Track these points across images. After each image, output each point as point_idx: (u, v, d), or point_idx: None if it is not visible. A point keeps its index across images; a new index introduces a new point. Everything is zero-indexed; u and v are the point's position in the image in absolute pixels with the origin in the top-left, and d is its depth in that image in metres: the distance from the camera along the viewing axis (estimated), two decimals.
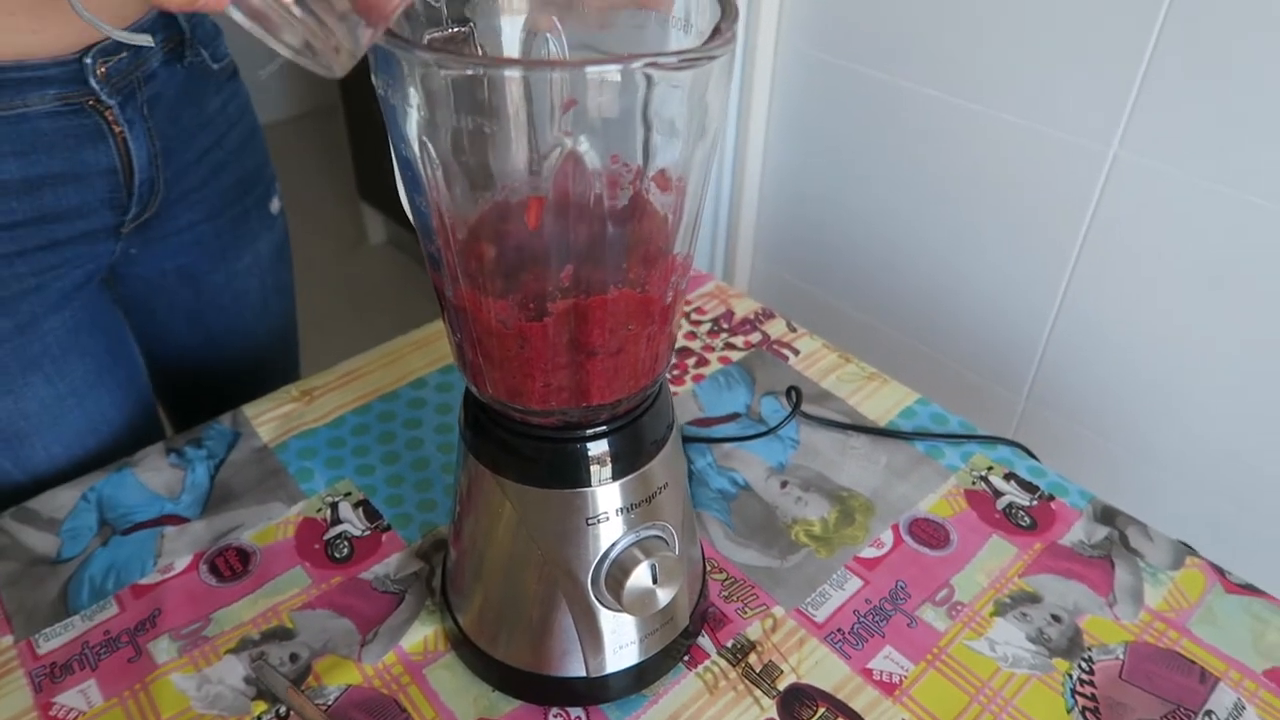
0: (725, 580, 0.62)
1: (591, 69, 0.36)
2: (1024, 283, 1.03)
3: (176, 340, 0.83)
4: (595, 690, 0.54)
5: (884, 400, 0.77)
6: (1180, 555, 0.65)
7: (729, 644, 0.58)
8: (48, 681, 0.55)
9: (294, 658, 0.57)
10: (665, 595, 0.50)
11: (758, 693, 0.56)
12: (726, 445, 0.73)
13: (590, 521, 0.49)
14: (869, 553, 0.64)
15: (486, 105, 0.37)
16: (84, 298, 0.70)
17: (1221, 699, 0.56)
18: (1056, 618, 0.60)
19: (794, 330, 0.85)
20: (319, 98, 2.91)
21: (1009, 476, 0.71)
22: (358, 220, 2.46)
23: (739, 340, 0.84)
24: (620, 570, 0.49)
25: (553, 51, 0.46)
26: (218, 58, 0.74)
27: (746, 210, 1.30)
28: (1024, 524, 0.67)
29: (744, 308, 0.88)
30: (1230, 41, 0.78)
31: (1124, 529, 0.66)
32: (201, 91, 0.72)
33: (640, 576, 0.49)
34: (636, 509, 0.50)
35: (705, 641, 0.59)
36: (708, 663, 0.57)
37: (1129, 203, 0.90)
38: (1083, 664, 0.58)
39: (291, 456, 0.71)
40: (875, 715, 0.55)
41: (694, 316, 0.87)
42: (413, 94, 0.38)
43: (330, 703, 0.54)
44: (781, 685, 0.56)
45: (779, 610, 0.61)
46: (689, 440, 0.73)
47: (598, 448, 0.48)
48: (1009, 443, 0.73)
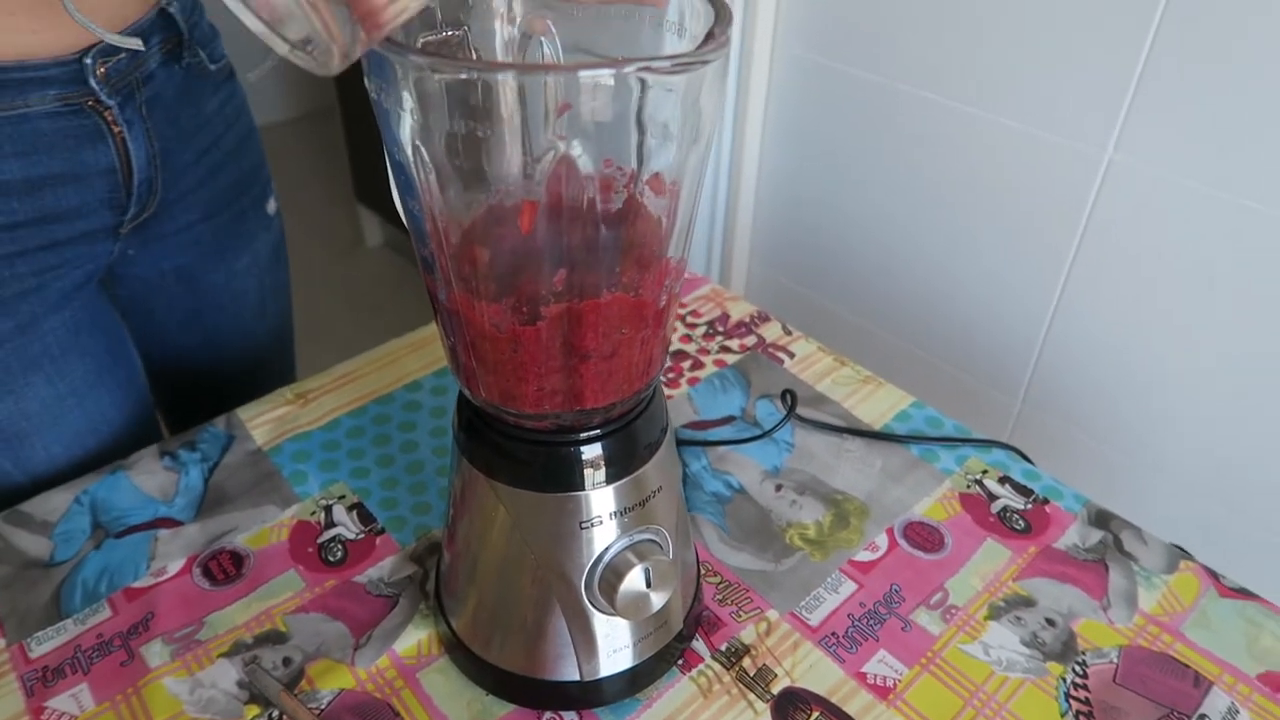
0: (720, 584, 0.62)
1: (585, 73, 0.36)
2: (1019, 286, 1.03)
3: (174, 341, 0.83)
4: (589, 694, 0.54)
5: (879, 403, 0.77)
6: (1174, 559, 0.65)
7: (723, 648, 0.58)
8: (39, 685, 0.55)
9: (287, 661, 0.57)
10: (659, 599, 0.50)
11: (751, 696, 0.56)
12: (721, 448, 0.73)
13: (584, 525, 0.49)
14: (863, 556, 0.64)
15: (480, 109, 0.37)
16: (83, 298, 0.70)
17: (1215, 703, 0.56)
18: (1051, 621, 0.60)
19: (789, 333, 0.85)
20: (316, 100, 2.91)
21: (1004, 480, 0.71)
22: (354, 223, 2.46)
23: (734, 343, 0.84)
24: (614, 574, 0.49)
25: (547, 54, 0.46)
26: (215, 59, 0.74)
27: (743, 214, 1.30)
28: (1018, 527, 0.67)
29: (739, 311, 0.88)
30: (1226, 46, 0.79)
31: (1118, 533, 0.66)
32: (199, 92, 0.73)
33: (634, 580, 0.49)
34: (630, 513, 0.50)
35: (699, 645, 0.59)
36: (702, 666, 0.57)
37: (1124, 207, 0.90)
38: (1077, 668, 0.58)
39: (286, 459, 0.71)
40: (869, 719, 0.55)
41: (689, 319, 0.87)
42: (406, 98, 0.38)
43: (323, 707, 0.54)
44: (776, 689, 0.56)
45: (773, 614, 0.61)
46: (684, 443, 0.73)
47: (591, 451, 0.48)
48: (1004, 446, 0.73)
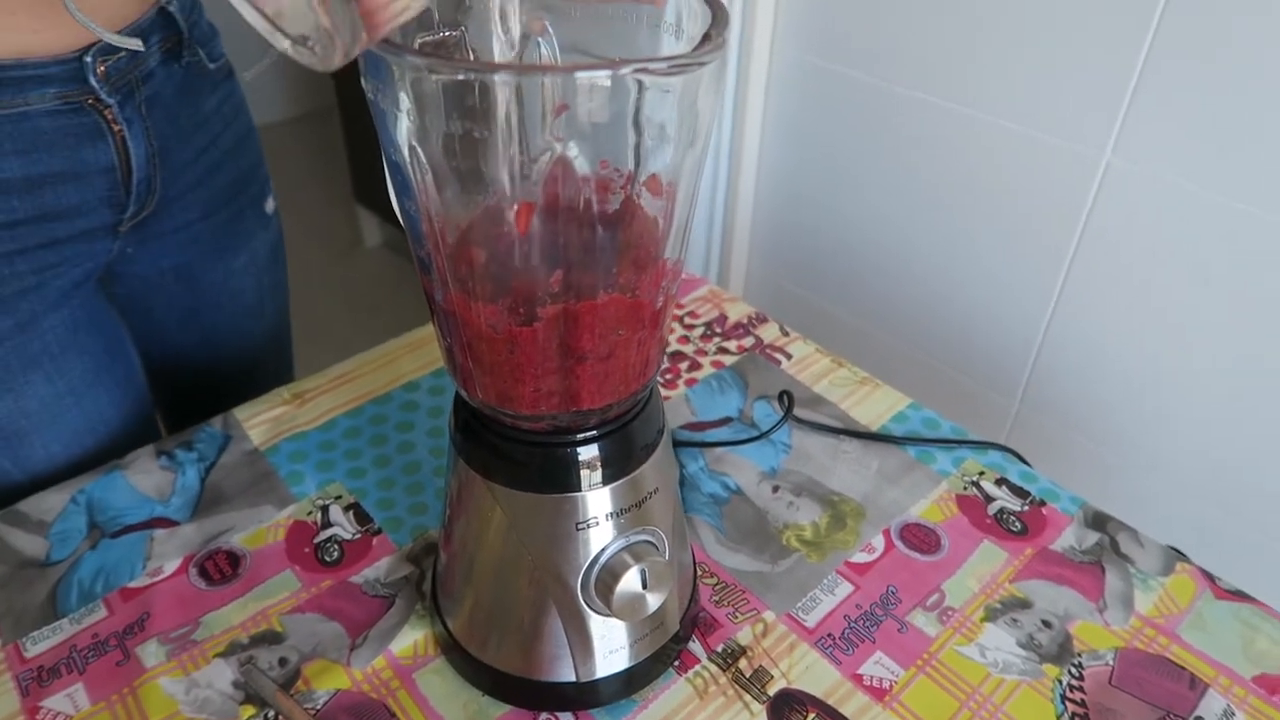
0: (716, 585, 0.62)
1: (582, 74, 0.36)
2: (1017, 288, 1.03)
3: (172, 340, 0.83)
4: (585, 695, 0.54)
5: (876, 405, 0.77)
6: (1170, 561, 0.65)
7: (719, 649, 0.58)
8: (35, 685, 0.55)
9: (283, 662, 0.57)
10: (655, 600, 0.50)
11: (748, 698, 0.56)
12: (718, 449, 0.73)
13: (580, 526, 0.49)
14: (860, 558, 0.64)
15: (477, 110, 0.37)
16: (82, 296, 0.70)
17: (1211, 705, 0.56)
18: (1047, 623, 0.60)
19: (787, 334, 0.85)
20: (315, 100, 2.91)
21: (1000, 482, 0.71)
22: (353, 223, 2.46)
23: (732, 344, 0.84)
24: (610, 575, 0.49)
25: (544, 55, 0.46)
26: (214, 58, 0.74)
27: (741, 215, 1.30)
28: (1015, 529, 0.67)
29: (737, 312, 0.88)
30: (1224, 48, 0.79)
31: (1115, 535, 0.66)
32: (198, 91, 0.73)
33: (630, 581, 0.49)
34: (627, 514, 0.50)
35: (696, 646, 0.59)
36: (698, 668, 0.57)
37: (1122, 209, 0.90)
38: (1073, 670, 0.58)
39: (282, 459, 0.71)
40: None
41: (687, 320, 0.87)
42: (403, 98, 0.38)
43: (319, 707, 0.54)
44: (772, 690, 0.56)
45: (770, 615, 0.61)
46: (681, 444, 0.73)
47: (588, 452, 0.48)
48: (1000, 448, 0.73)
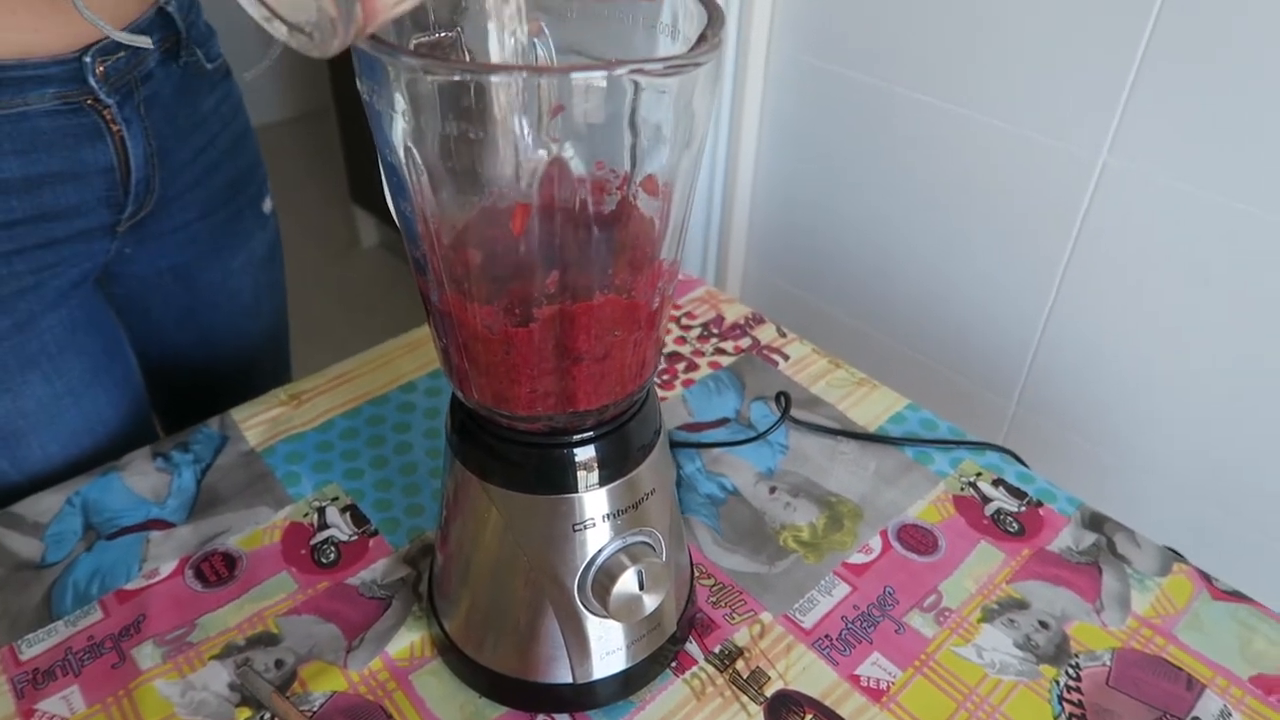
0: (713, 586, 0.62)
1: (577, 75, 0.36)
2: (1014, 289, 1.03)
3: (170, 340, 0.83)
4: (582, 696, 0.54)
5: (873, 406, 0.77)
6: (1168, 562, 0.65)
7: (716, 650, 0.58)
8: (30, 688, 0.55)
9: (279, 664, 0.57)
10: (652, 601, 0.50)
11: (745, 699, 0.56)
12: (715, 450, 0.73)
13: (577, 527, 0.49)
14: (857, 558, 0.64)
15: (472, 111, 0.37)
16: (80, 296, 0.70)
17: (1208, 706, 0.56)
18: (1044, 624, 0.60)
19: (784, 335, 0.85)
20: (312, 100, 2.91)
21: (997, 482, 0.71)
22: (350, 223, 2.46)
23: (729, 345, 0.84)
24: (607, 576, 0.49)
25: (540, 56, 0.46)
26: (211, 57, 0.74)
27: (738, 216, 1.30)
28: (1012, 530, 0.67)
29: (734, 313, 0.88)
30: (1220, 49, 0.79)
31: (1112, 535, 0.66)
32: (196, 91, 0.73)
33: (627, 582, 0.49)
34: (623, 514, 0.50)
35: (693, 647, 0.58)
36: (695, 669, 0.57)
37: (1118, 210, 0.91)
38: (1070, 670, 0.58)
39: (279, 460, 0.70)
40: None
41: (684, 321, 0.87)
42: (398, 99, 0.38)
43: (315, 709, 0.54)
44: (769, 691, 0.56)
45: (767, 616, 0.60)
46: (678, 445, 0.73)
47: (584, 453, 0.48)
48: (997, 448, 0.73)
